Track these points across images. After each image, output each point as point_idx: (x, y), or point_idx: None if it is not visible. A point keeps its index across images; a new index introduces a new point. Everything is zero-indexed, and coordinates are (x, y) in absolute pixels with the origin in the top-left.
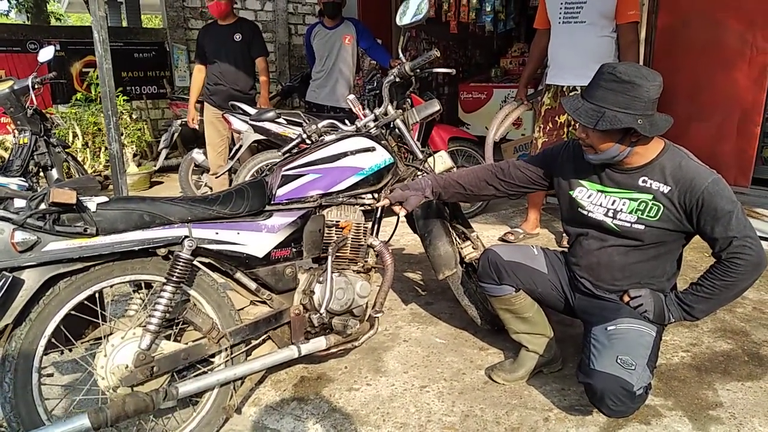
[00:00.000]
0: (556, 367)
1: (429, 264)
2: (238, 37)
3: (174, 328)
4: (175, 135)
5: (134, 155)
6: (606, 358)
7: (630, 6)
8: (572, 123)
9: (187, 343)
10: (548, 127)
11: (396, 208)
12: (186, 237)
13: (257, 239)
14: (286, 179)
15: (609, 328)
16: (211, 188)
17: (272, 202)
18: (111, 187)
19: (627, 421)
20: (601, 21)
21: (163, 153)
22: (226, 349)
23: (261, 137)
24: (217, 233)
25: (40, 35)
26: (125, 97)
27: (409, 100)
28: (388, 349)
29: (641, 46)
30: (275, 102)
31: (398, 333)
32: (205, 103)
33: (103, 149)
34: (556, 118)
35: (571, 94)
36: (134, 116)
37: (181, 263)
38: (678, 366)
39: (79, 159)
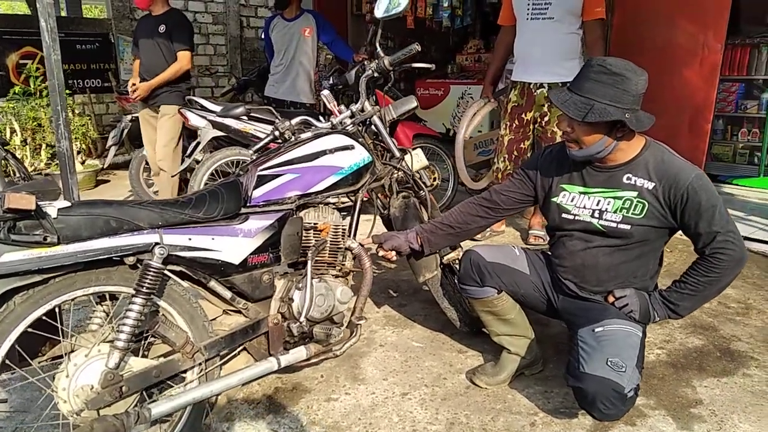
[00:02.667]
0: (538, 368)
1: (399, 263)
2: (162, 28)
3: (142, 342)
4: (125, 131)
5: (78, 152)
6: (596, 360)
7: (596, 3)
8: (538, 120)
9: (157, 359)
10: (514, 125)
11: (381, 252)
12: (156, 244)
13: (233, 244)
14: (263, 179)
15: (596, 329)
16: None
17: (248, 204)
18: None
19: (613, 423)
20: (569, 17)
21: (112, 150)
22: (200, 364)
23: (220, 134)
24: (190, 239)
25: None
26: (68, 91)
27: (373, 96)
28: (364, 354)
29: None
30: (229, 98)
31: (373, 338)
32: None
33: (44, 146)
34: (523, 116)
35: (538, 91)
36: (77, 111)
37: (151, 273)
38: (655, 364)
39: (18, 156)
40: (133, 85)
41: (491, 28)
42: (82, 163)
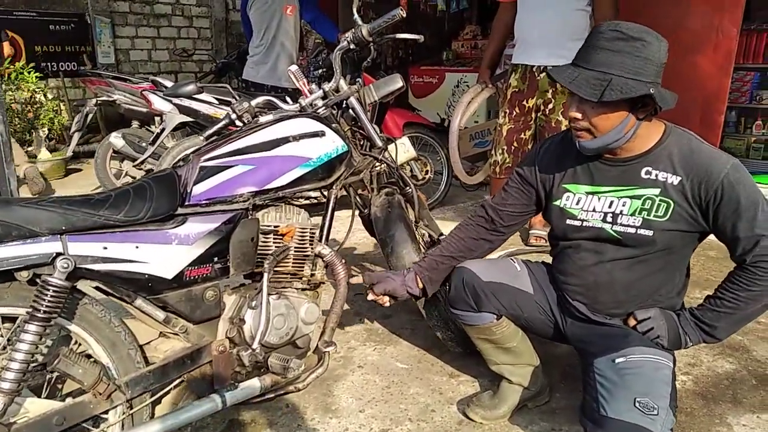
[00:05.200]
0: (543, 399)
1: (386, 268)
2: None
3: (47, 377)
4: (90, 116)
5: (49, 139)
6: (620, 401)
7: None
8: (541, 108)
9: (64, 399)
10: (515, 113)
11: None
12: (58, 254)
13: (165, 254)
14: (207, 172)
15: (617, 360)
16: (133, 179)
17: (186, 203)
18: None
19: None
20: None
21: (75, 137)
22: (122, 404)
23: (188, 119)
24: (105, 248)
25: None
26: (39, 74)
27: (359, 79)
28: (339, 378)
29: None
30: (208, 81)
31: (351, 356)
32: None
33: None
34: (524, 103)
35: (542, 75)
36: (50, 96)
37: (50, 291)
38: (681, 393)
39: None
40: None
41: (489, 12)
42: (53, 150)
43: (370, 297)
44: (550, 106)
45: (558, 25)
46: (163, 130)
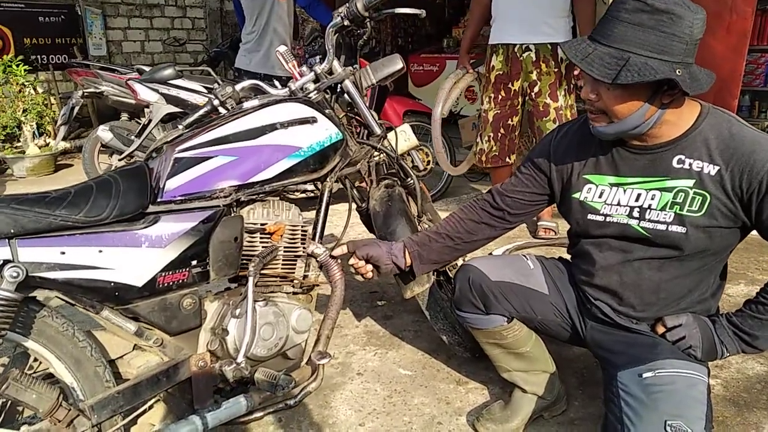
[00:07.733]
0: (560, 408)
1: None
2: None
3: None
4: (76, 109)
5: (40, 134)
6: (649, 424)
7: None
8: (527, 91)
9: (21, 425)
10: (500, 97)
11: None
12: (6, 262)
13: (133, 259)
14: (182, 165)
15: (645, 375)
16: None
17: (159, 200)
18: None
19: None
20: None
21: (62, 130)
22: (87, 429)
23: (176, 110)
24: (63, 253)
25: None
26: (28, 67)
27: (356, 65)
28: (337, 387)
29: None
30: (200, 71)
31: (350, 362)
32: None
33: None
34: (510, 85)
35: (524, 54)
36: (40, 89)
37: None
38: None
39: None
40: None
41: None
42: (45, 145)
43: (352, 261)
44: (536, 89)
45: (537, 2)
46: (150, 121)
